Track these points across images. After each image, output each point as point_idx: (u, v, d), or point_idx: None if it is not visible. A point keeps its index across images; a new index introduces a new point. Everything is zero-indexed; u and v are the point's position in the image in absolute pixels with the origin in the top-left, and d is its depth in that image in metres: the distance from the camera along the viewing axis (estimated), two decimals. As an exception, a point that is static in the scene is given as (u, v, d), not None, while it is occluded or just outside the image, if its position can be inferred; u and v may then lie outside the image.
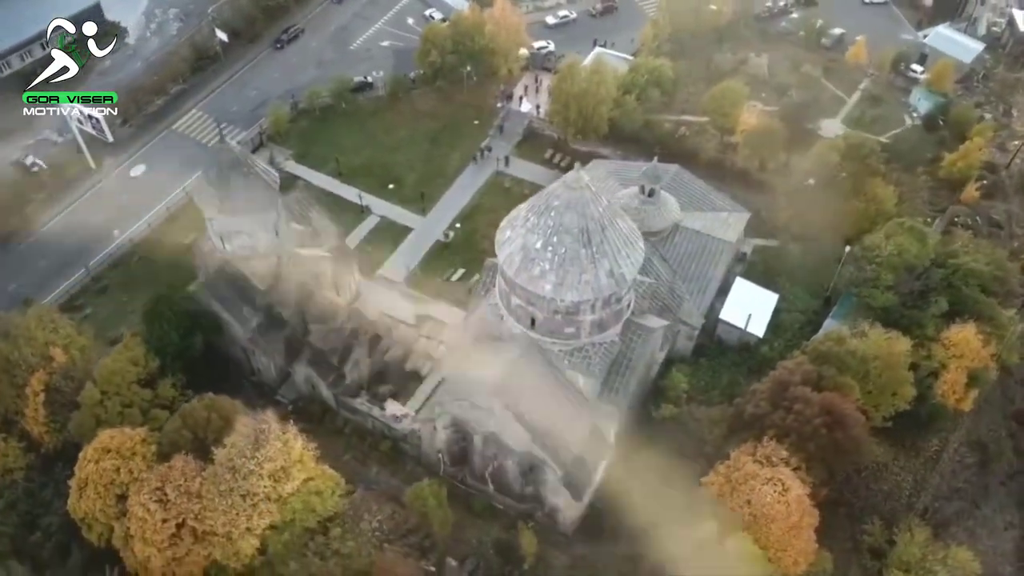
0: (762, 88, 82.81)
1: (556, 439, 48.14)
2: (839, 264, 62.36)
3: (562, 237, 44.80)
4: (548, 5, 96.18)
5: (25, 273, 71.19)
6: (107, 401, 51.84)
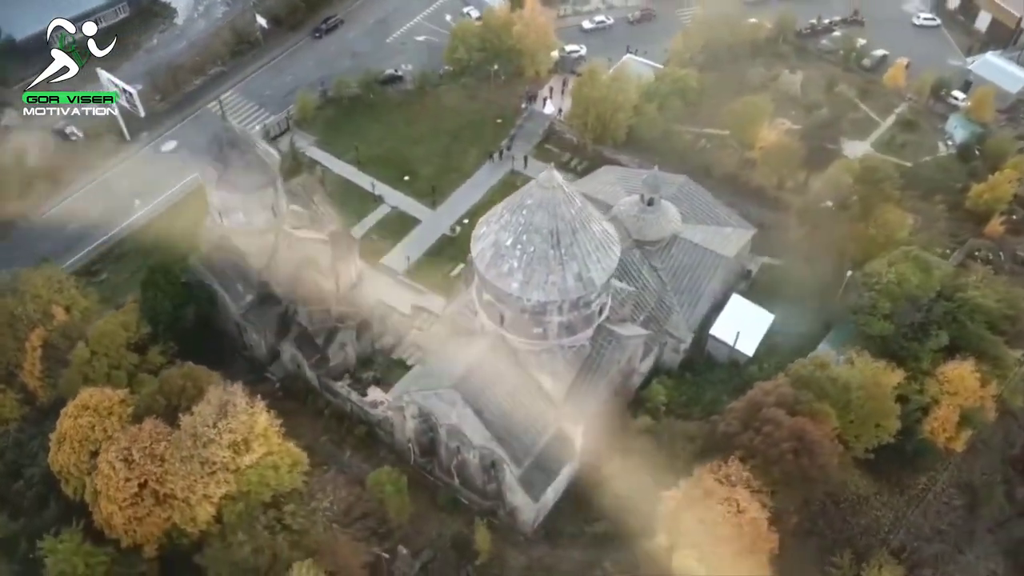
0: (792, 106, 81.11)
1: (517, 438, 48.06)
2: (840, 289, 60.65)
3: (532, 236, 44.80)
4: (587, 10, 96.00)
5: (53, 236, 74.35)
6: (96, 361, 53.83)
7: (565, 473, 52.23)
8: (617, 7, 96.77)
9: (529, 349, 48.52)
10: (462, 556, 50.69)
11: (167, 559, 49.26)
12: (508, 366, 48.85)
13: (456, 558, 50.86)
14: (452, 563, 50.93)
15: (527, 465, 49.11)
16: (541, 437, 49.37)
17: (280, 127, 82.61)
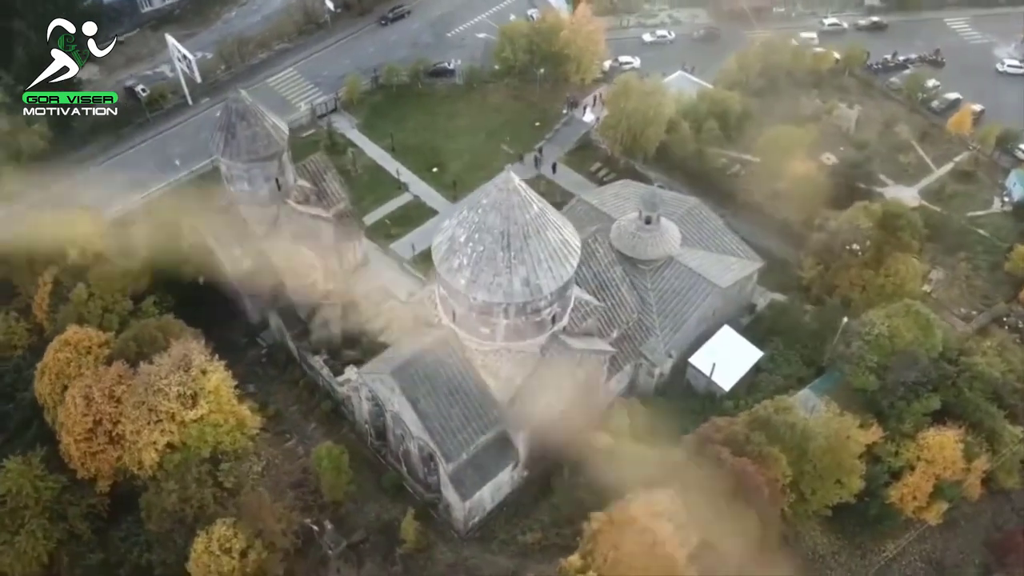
0: (843, 141, 77.56)
1: (452, 433, 48.11)
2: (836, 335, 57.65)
3: (483, 236, 44.72)
4: (651, 23, 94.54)
5: (104, 183, 79.49)
6: (92, 303, 57.31)
7: (505, 477, 51.93)
8: (684, 23, 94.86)
9: (478, 348, 48.47)
10: (390, 543, 51.22)
11: (119, 496, 52.01)
12: (455, 361, 48.94)
13: (386, 543, 51.46)
14: (382, 547, 51.60)
15: (461, 463, 49.08)
16: (479, 437, 49.20)
17: (327, 107, 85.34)
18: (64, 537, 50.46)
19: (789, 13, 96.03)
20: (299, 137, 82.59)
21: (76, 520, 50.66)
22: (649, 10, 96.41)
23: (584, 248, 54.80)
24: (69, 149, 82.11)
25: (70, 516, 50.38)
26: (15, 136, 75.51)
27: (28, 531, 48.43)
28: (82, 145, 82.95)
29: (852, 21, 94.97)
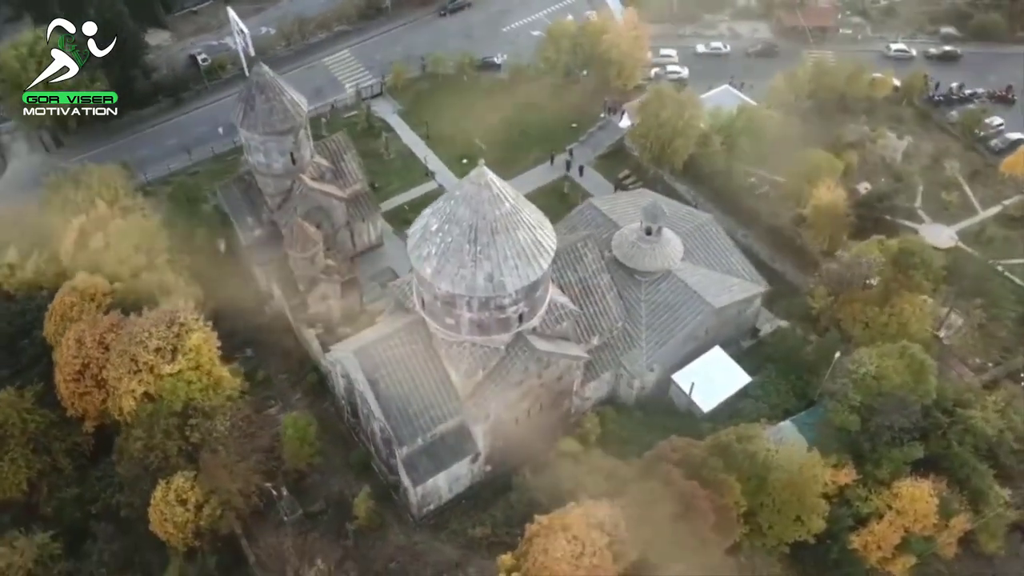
0: (886, 172, 74.32)
1: (408, 419, 48.78)
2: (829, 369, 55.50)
3: (452, 227, 45.17)
4: (709, 33, 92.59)
5: (156, 144, 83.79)
6: (106, 252, 60.58)
7: (463, 469, 52.31)
8: (743, 36, 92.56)
9: (443, 338, 48.96)
10: (344, 518, 52.32)
11: (104, 438, 54.93)
12: (420, 349, 49.60)
13: (340, 518, 52.61)
14: (337, 521, 52.77)
15: (416, 448, 49.72)
16: (437, 425, 49.71)
17: (372, 91, 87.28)
18: (46, 469, 53.70)
19: (856, 35, 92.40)
20: (341, 117, 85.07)
21: (59, 455, 53.83)
22: (710, 21, 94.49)
23: (571, 252, 55.16)
24: (131, 107, 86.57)
25: (54, 450, 53.58)
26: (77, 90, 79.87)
27: (11, 458, 51.81)
28: (143, 105, 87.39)
29: (923, 49, 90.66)
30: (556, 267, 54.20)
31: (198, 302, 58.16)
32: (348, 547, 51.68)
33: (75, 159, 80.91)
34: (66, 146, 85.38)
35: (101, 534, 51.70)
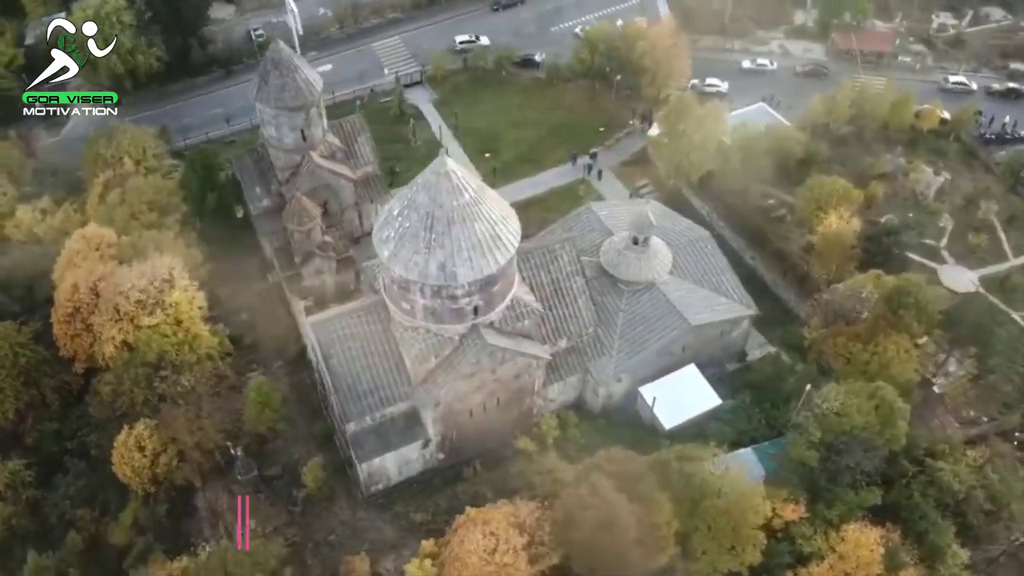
0: (912, 207, 71.03)
1: (357, 396, 49.87)
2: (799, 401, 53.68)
3: (411, 213, 45.95)
4: (759, 49, 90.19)
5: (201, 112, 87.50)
6: (121, 207, 64.02)
7: (413, 454, 53.05)
8: (793, 56, 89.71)
9: (400, 321, 49.78)
10: (294, 486, 53.85)
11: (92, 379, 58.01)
12: (377, 330, 50.65)
13: (290, 485, 54.16)
14: (285, 489, 54.34)
15: (364, 427, 50.80)
16: (387, 407, 50.66)
17: (412, 79, 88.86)
18: (35, 402, 57.50)
19: (914, 64, 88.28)
20: (378, 102, 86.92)
21: (47, 390, 57.48)
22: (762, 37, 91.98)
23: (547, 253, 55.34)
24: (184, 75, 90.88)
25: (42, 385, 57.28)
26: (134, 55, 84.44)
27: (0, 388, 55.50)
28: (196, 74, 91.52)
29: (985, 84, 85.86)
30: (529, 266, 54.46)
31: (194, 263, 60.76)
32: (295, 513, 53.29)
33: (128, 118, 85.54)
34: (122, 105, 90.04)
35: (72, 469, 55.09)
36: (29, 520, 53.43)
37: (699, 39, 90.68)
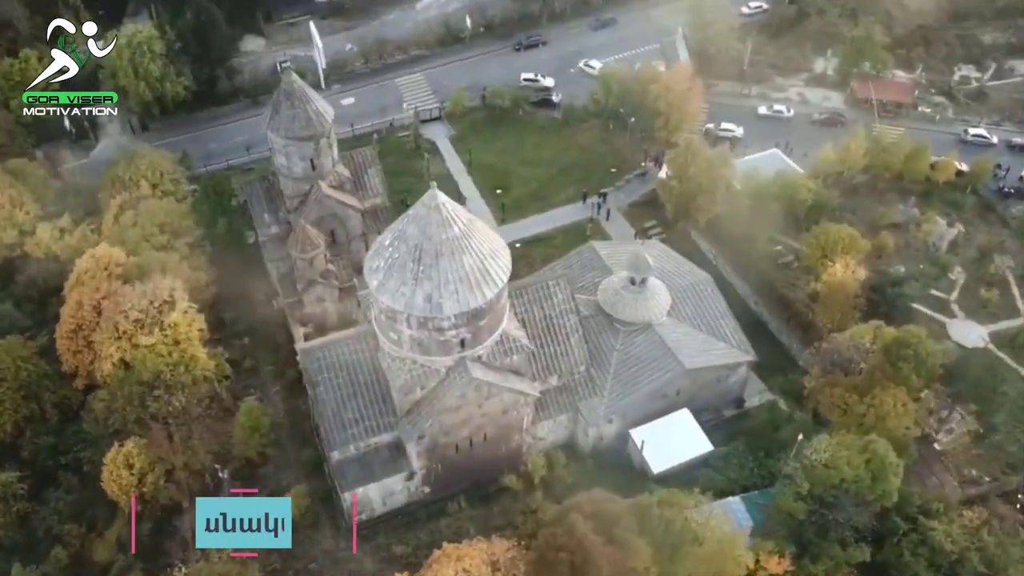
0: (923, 258, 70.00)
1: (342, 426, 50.03)
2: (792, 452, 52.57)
3: (400, 244, 46.42)
4: (776, 96, 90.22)
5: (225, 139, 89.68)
6: (132, 229, 65.58)
7: (397, 485, 52.87)
8: (811, 103, 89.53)
9: (388, 351, 49.99)
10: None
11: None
12: (366, 359, 50.93)
13: (273, 511, 54.13)
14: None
15: (348, 456, 50.82)
16: (371, 437, 50.70)
17: (431, 114, 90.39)
18: (34, 416, 58.56)
19: (934, 115, 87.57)
20: (396, 135, 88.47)
21: (47, 405, 58.64)
22: (780, 84, 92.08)
23: (541, 289, 55.35)
24: (211, 104, 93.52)
25: (43, 399, 58.40)
26: (162, 83, 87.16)
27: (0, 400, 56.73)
28: (223, 103, 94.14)
29: (1006, 137, 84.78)
30: (522, 301, 54.53)
31: (197, 286, 61.91)
32: (277, 540, 53.13)
33: (155, 143, 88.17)
34: (150, 131, 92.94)
35: (64, 483, 55.76)
36: (17, 532, 54.10)
37: (717, 84, 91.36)
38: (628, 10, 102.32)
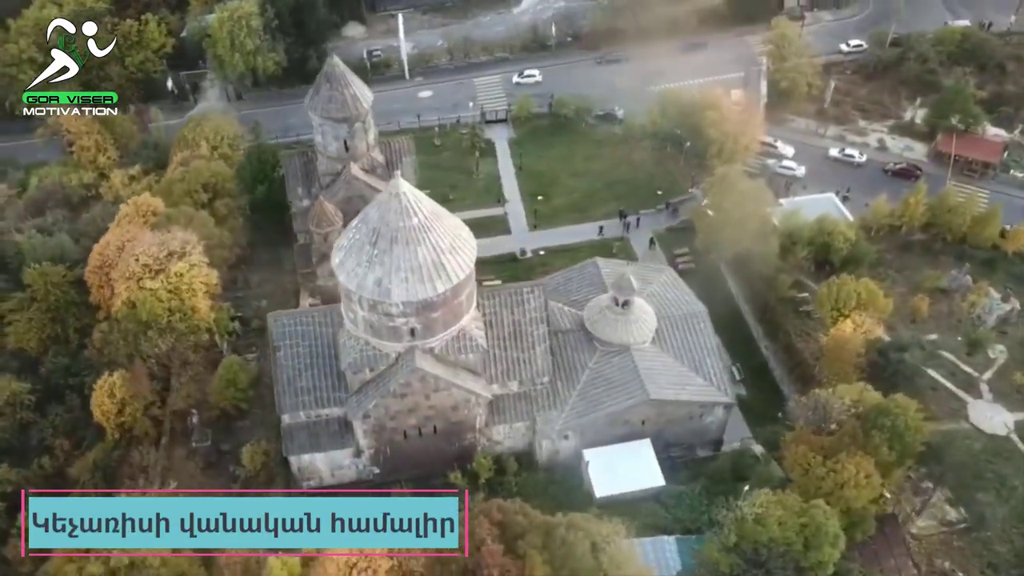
0: (965, 332, 64.33)
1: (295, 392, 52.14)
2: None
3: (362, 226, 48.00)
4: (853, 139, 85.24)
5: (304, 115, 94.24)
6: (180, 183, 70.87)
7: (344, 460, 54.63)
8: (889, 151, 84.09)
9: (346, 329, 51.70)
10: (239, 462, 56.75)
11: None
12: (328, 333, 52.79)
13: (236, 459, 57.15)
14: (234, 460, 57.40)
15: (298, 422, 52.96)
16: (321, 408, 52.58)
17: (496, 115, 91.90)
18: (58, 337, 64.56)
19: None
20: (457, 132, 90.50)
21: (71, 330, 64.49)
22: (862, 127, 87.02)
23: (515, 295, 55.38)
24: (300, 81, 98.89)
25: (67, 324, 64.25)
26: (255, 57, 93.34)
27: (29, 317, 63.01)
28: (310, 81, 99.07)
29: (1105, 211, 76.45)
30: (492, 303, 54.84)
31: (220, 244, 66.04)
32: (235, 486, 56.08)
33: (245, 111, 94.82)
34: (243, 100, 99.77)
35: (67, 402, 61.07)
36: (16, 437, 59.91)
37: (793, 120, 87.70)
38: (721, 35, 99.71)
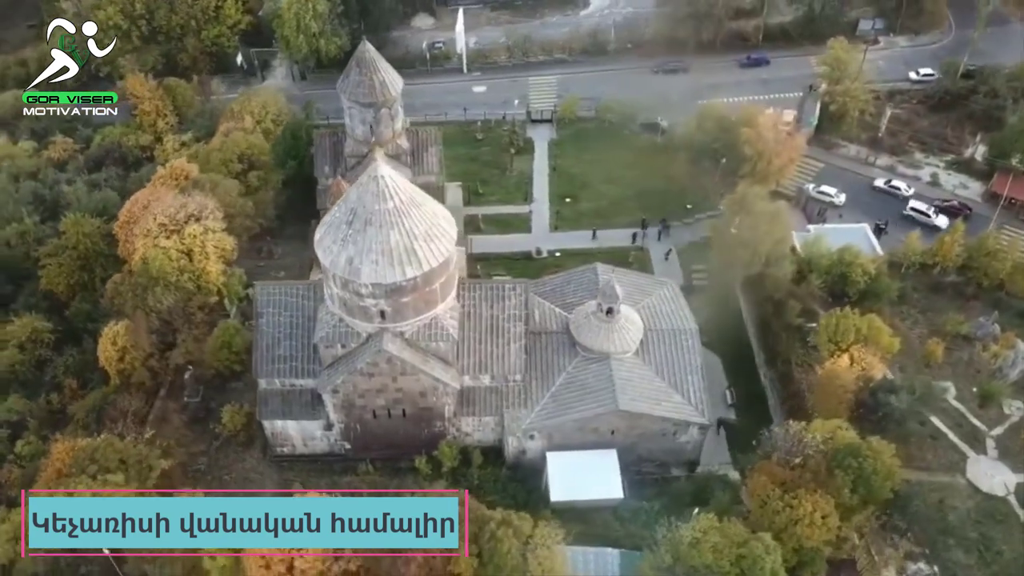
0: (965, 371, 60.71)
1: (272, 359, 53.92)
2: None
3: (343, 206, 49.35)
4: (904, 171, 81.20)
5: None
6: (217, 152, 74.34)
7: (315, 431, 56.29)
8: (942, 187, 79.60)
9: (325, 304, 53.15)
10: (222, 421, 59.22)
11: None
12: (311, 306, 54.24)
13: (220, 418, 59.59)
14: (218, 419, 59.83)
15: (273, 388, 54.85)
16: (296, 379, 54.24)
17: (542, 115, 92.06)
18: (86, 284, 68.81)
19: (1086, 230, 74.56)
20: (500, 128, 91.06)
21: (97, 279, 68.53)
22: (918, 160, 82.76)
23: (496, 290, 55.72)
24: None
25: (94, 273, 68.49)
26: (318, 39, 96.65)
27: (60, 263, 67.38)
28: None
29: None
30: (473, 296, 55.23)
31: (243, 212, 68.89)
32: (212, 446, 58.66)
33: (307, 91, 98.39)
34: (307, 80, 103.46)
35: (83, 345, 65.05)
36: (31, 372, 64.22)
37: (844, 146, 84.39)
38: (784, 53, 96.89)
